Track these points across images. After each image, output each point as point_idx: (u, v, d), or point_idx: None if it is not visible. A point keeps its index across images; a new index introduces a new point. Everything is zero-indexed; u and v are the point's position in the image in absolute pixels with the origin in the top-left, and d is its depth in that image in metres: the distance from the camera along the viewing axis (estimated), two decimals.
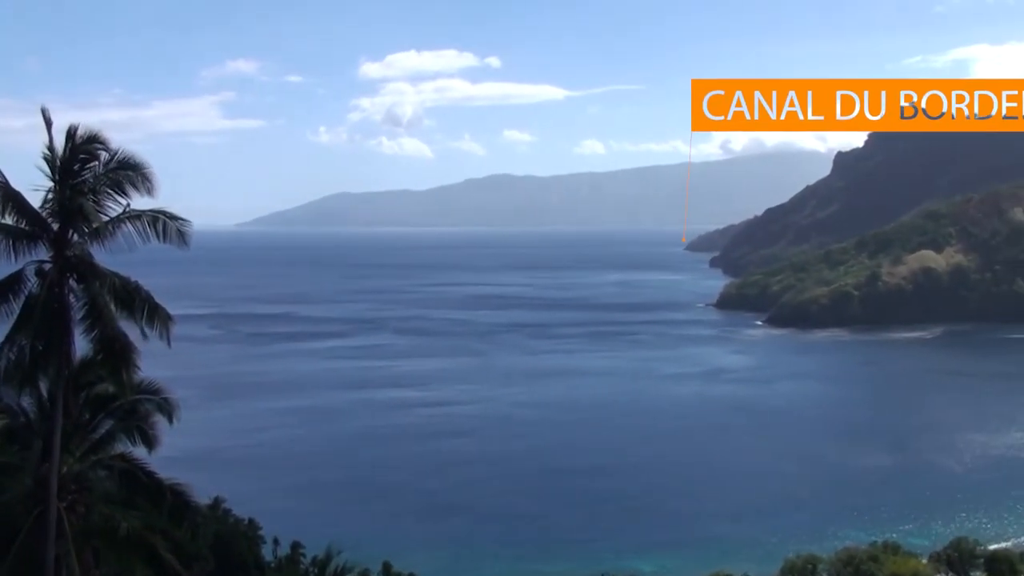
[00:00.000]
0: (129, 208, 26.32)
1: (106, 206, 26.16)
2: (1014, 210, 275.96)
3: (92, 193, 25.93)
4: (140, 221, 26.26)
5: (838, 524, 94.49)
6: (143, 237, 26.29)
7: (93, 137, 25.82)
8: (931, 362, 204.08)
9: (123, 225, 26.18)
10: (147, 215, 26.31)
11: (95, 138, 25.84)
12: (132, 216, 26.26)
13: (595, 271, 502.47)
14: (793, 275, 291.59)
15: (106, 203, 26.17)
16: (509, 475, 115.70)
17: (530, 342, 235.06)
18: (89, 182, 25.99)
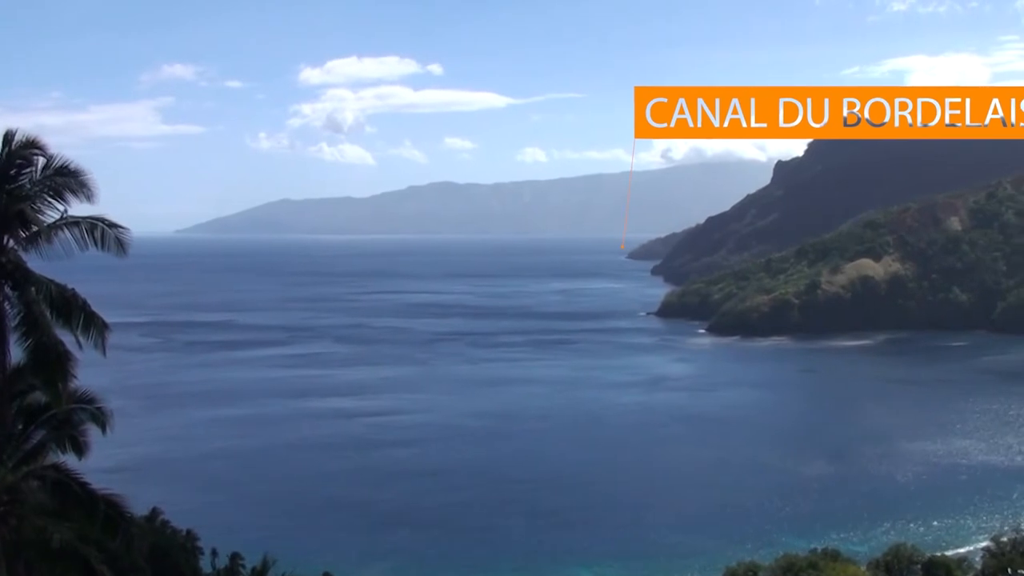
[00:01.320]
0: (67, 215, 25.71)
1: (43, 212, 25.52)
2: (950, 220, 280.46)
3: (29, 199, 25.29)
4: (78, 228, 25.67)
5: (779, 531, 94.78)
6: (81, 244, 25.68)
7: (30, 142, 25.21)
8: (870, 370, 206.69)
9: (60, 232, 25.55)
10: (85, 222, 25.71)
11: (32, 143, 25.22)
12: (69, 223, 25.66)
13: (537, 279, 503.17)
14: (734, 283, 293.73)
15: (44, 209, 25.53)
16: (451, 485, 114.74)
17: (472, 351, 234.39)
18: (26, 188, 25.36)
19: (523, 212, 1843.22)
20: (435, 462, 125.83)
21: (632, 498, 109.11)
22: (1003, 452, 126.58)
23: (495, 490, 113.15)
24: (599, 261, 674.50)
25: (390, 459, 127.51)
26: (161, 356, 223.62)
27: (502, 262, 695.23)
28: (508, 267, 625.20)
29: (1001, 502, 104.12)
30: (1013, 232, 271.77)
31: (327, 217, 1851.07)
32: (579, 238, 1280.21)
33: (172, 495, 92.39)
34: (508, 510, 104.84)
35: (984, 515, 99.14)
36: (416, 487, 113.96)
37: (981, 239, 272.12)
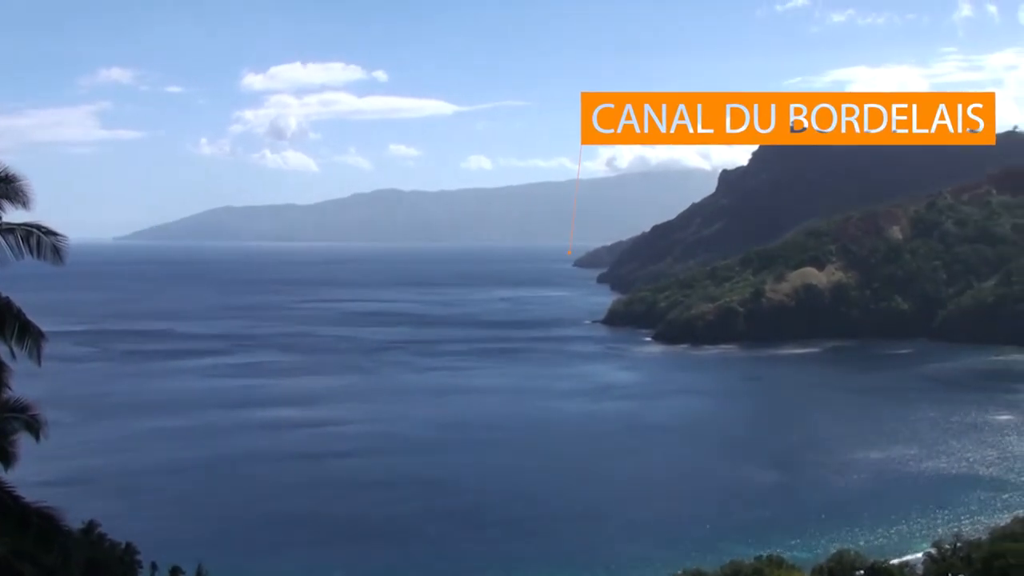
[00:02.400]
0: (1, 222, 24.74)
1: None
2: (892, 228, 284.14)
3: None
4: (12, 235, 24.71)
5: (725, 539, 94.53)
6: (16, 252, 24.72)
7: None
8: (815, 378, 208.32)
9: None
10: (20, 229, 24.76)
11: None
12: (4, 230, 24.68)
13: (483, 287, 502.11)
14: (680, 291, 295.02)
15: None
16: (399, 496, 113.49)
17: (418, 360, 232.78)
18: None
19: (469, 220, 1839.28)
20: (383, 473, 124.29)
21: (581, 507, 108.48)
22: (945, 459, 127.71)
23: (444, 500, 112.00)
24: (545, 269, 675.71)
25: (336, 470, 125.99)
26: (98, 366, 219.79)
27: (447, 270, 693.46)
28: (453, 275, 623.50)
29: (943, 509, 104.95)
30: (953, 241, 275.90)
31: (270, 224, 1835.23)
32: (525, 246, 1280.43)
33: (110, 508, 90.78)
34: (457, 521, 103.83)
35: (926, 522, 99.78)
36: (363, 498, 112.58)
37: (922, 248, 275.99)
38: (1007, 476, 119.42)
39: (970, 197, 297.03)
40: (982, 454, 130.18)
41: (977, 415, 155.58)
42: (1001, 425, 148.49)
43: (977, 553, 64.54)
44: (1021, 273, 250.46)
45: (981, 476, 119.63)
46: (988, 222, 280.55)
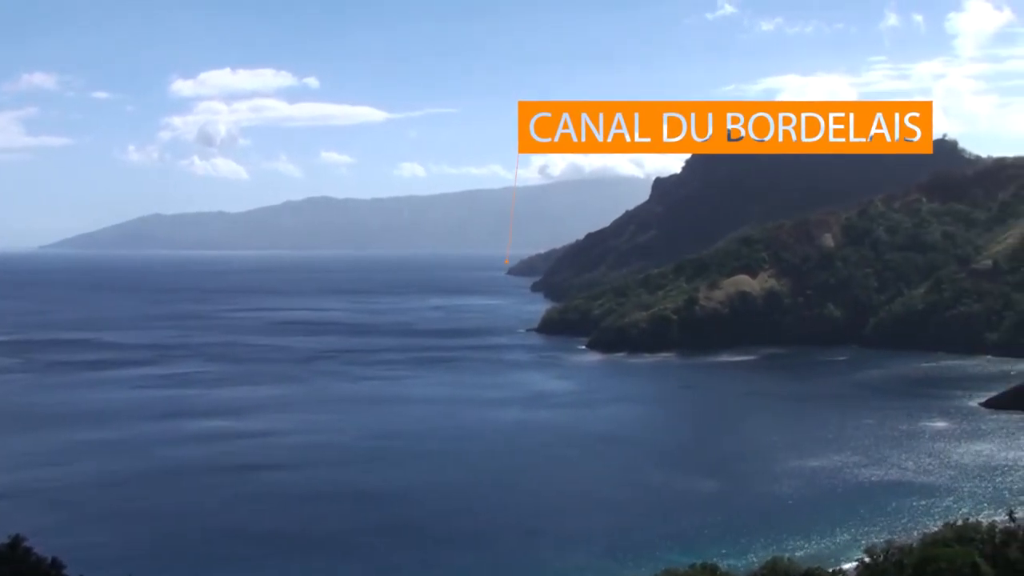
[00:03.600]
0: None
1: None
2: (824, 236, 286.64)
3: None
4: None
5: (661, 547, 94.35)
6: None
7: None
8: (749, 385, 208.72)
9: None
10: None
11: None
12: None
13: (416, 296, 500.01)
14: (614, 299, 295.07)
15: None
16: (334, 508, 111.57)
17: (350, 369, 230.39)
18: None
19: (402, 228, 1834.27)
20: (318, 485, 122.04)
21: (518, 518, 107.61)
22: (879, 466, 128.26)
23: (381, 513, 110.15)
24: (479, 277, 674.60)
25: (271, 482, 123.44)
26: (22, 377, 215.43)
27: (380, 278, 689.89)
28: (387, 283, 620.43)
29: (877, 516, 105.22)
30: (884, 249, 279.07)
31: (200, 232, 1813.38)
32: (458, 254, 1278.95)
33: (37, 522, 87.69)
34: (396, 534, 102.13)
35: (860, 529, 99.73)
36: (300, 512, 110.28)
37: (853, 255, 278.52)
38: (939, 482, 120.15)
39: (901, 205, 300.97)
40: (915, 461, 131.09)
41: (910, 422, 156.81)
42: (933, 432, 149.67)
43: (909, 559, 64.61)
44: (950, 280, 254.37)
45: (914, 483, 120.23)
46: (918, 230, 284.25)
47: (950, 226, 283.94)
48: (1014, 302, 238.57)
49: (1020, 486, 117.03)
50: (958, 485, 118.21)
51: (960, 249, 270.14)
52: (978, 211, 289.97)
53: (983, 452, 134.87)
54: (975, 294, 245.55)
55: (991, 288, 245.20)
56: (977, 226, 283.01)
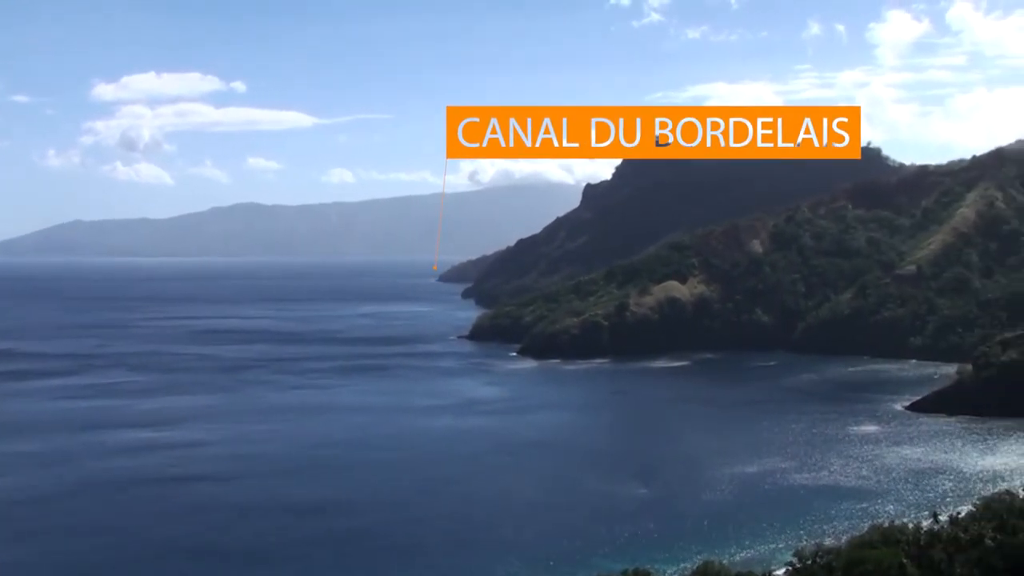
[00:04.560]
0: None
1: None
2: (752, 242, 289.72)
3: None
4: None
5: (594, 554, 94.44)
6: None
7: None
8: (681, 391, 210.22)
9: None
10: None
11: None
12: None
13: (346, 303, 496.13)
14: (544, 306, 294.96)
15: None
16: (267, 518, 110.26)
17: (279, 378, 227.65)
18: None
19: (331, 234, 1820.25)
20: (250, 497, 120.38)
21: (451, 526, 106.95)
22: (807, 470, 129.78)
23: (306, 520, 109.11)
24: (409, 284, 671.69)
25: (201, 495, 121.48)
26: None
27: (309, 286, 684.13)
28: (316, 291, 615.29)
29: (806, 519, 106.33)
30: (811, 255, 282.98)
31: (124, 239, 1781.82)
32: (388, 261, 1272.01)
33: None
34: (319, 540, 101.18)
35: (790, 532, 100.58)
36: (233, 524, 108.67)
37: (781, 261, 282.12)
38: (866, 485, 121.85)
39: (827, 211, 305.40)
40: (843, 465, 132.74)
41: (838, 426, 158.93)
42: (860, 436, 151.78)
43: (837, 562, 65.74)
44: (875, 286, 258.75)
45: (842, 486, 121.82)
46: (844, 236, 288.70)
47: (875, 232, 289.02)
48: (937, 307, 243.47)
49: (944, 488, 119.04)
50: (885, 488, 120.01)
51: (885, 255, 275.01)
52: (902, 217, 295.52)
53: (908, 455, 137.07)
54: (899, 299, 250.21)
55: (915, 293, 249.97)
56: (901, 232, 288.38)
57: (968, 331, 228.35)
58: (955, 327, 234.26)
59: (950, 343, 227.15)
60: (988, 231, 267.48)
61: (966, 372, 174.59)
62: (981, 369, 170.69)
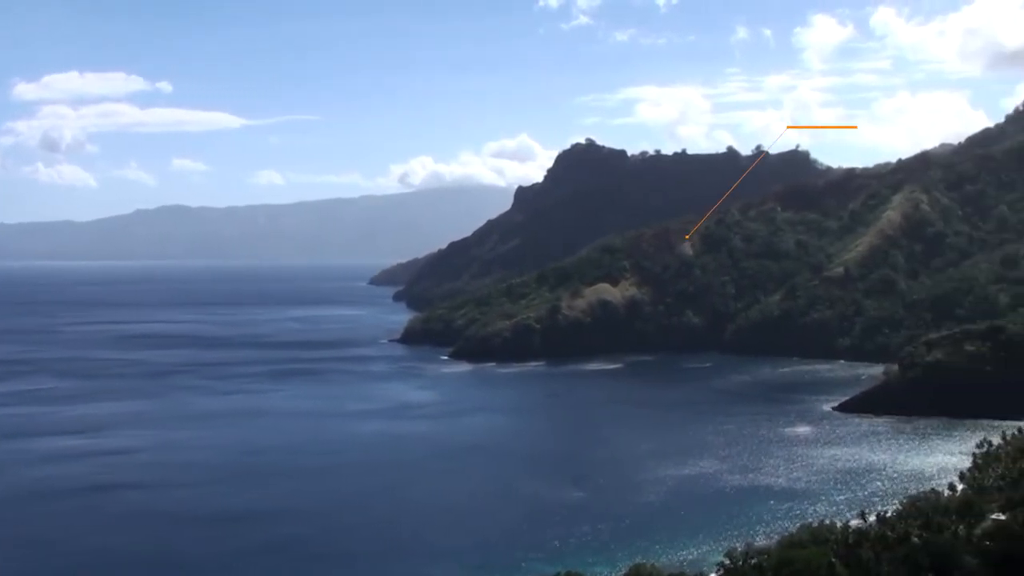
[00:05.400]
0: None
1: None
2: (682, 245, 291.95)
3: None
4: None
5: (528, 558, 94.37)
6: None
7: None
8: (615, 393, 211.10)
9: None
10: None
11: None
12: None
13: (275, 307, 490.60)
14: (476, 309, 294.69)
15: None
16: (190, 526, 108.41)
17: (208, 383, 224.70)
18: None
19: (259, 237, 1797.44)
20: (182, 505, 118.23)
21: (383, 533, 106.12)
22: (739, 472, 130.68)
23: (235, 528, 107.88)
24: (339, 287, 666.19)
25: (133, 504, 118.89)
26: None
27: (237, 289, 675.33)
28: (244, 294, 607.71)
29: (737, 520, 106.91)
30: (740, 257, 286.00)
31: (45, 242, 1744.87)
32: (318, 264, 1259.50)
33: None
34: (249, 549, 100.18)
35: (721, 533, 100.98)
36: (165, 534, 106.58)
37: (712, 263, 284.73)
38: (796, 485, 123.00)
39: (756, 213, 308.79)
40: (773, 465, 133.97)
41: (768, 427, 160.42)
42: (790, 436, 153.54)
43: (768, 562, 65.94)
44: (804, 288, 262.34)
45: (773, 487, 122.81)
46: (773, 238, 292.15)
47: (803, 234, 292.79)
48: (864, 308, 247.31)
49: (872, 488, 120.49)
50: (815, 488, 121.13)
51: (813, 257, 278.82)
52: (830, 220, 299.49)
53: (837, 455, 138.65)
54: (828, 301, 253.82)
55: (843, 295, 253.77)
56: (829, 235, 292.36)
57: (894, 332, 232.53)
58: (882, 328, 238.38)
59: (877, 344, 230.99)
60: (914, 233, 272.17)
61: (893, 373, 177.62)
62: (907, 369, 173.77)
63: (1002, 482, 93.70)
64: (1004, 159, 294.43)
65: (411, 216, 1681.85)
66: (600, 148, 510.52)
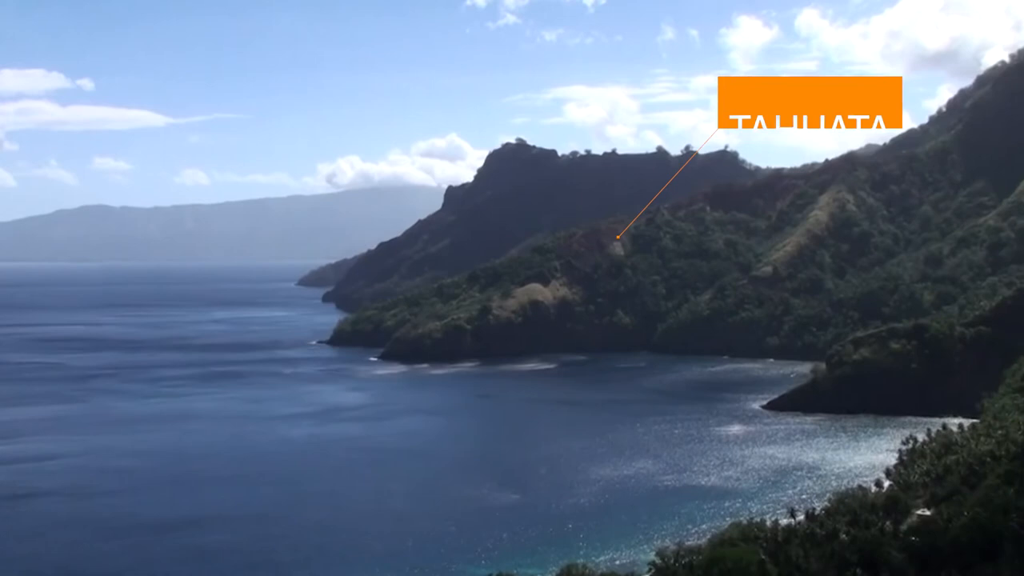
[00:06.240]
0: None
1: None
2: (612, 244, 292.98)
3: None
4: None
5: (459, 560, 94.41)
6: None
7: None
8: (547, 393, 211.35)
9: None
10: None
11: None
12: None
13: (201, 309, 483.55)
14: (407, 309, 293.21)
15: None
16: (114, 535, 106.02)
17: (131, 386, 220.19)
18: None
19: (185, 238, 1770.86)
20: (94, 510, 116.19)
21: (311, 538, 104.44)
22: (670, 471, 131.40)
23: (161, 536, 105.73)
24: (267, 289, 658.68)
25: (52, 513, 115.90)
26: None
27: (162, 291, 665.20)
28: (169, 296, 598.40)
29: (669, 519, 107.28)
30: (671, 257, 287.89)
31: None
32: (245, 265, 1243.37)
33: None
34: (174, 557, 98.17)
35: (653, 532, 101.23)
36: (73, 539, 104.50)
37: (642, 263, 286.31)
38: (725, 484, 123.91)
39: (686, 214, 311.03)
40: (704, 464, 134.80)
41: (699, 426, 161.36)
42: (720, 435, 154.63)
43: (698, 560, 66.23)
44: (733, 287, 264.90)
45: (703, 485, 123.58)
46: (703, 238, 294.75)
47: (732, 234, 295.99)
48: (792, 307, 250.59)
49: (801, 485, 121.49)
50: (745, 487, 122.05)
51: (742, 257, 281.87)
52: (758, 220, 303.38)
53: (766, 454, 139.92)
54: (756, 300, 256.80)
55: (771, 294, 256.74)
56: (757, 234, 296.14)
57: (822, 330, 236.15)
58: (810, 327, 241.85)
59: (805, 342, 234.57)
60: (840, 233, 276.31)
61: (820, 371, 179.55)
62: (834, 368, 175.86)
63: (927, 478, 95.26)
64: (927, 160, 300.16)
65: (340, 216, 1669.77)
66: (530, 148, 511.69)
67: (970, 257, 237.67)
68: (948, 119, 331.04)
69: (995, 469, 79.73)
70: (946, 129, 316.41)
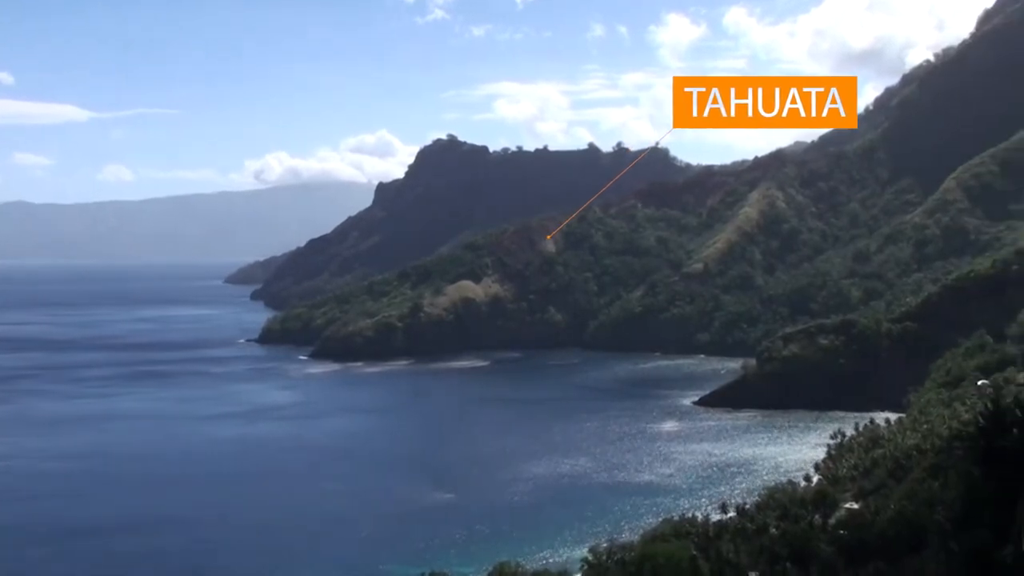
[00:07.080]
0: None
1: None
2: (544, 242, 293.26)
3: None
4: None
5: (391, 560, 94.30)
6: None
7: None
8: (480, 391, 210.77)
9: None
10: None
11: None
12: None
13: (125, 307, 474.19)
14: (337, 307, 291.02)
15: None
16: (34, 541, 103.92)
17: (54, 387, 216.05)
18: None
19: (109, 235, 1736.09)
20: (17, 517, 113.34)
21: (239, 541, 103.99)
22: (603, 468, 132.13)
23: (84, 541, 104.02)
24: (194, 287, 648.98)
25: None
26: None
27: (86, 290, 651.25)
28: (93, 295, 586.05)
29: (601, 516, 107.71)
30: (602, 254, 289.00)
31: None
32: (171, 263, 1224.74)
33: None
34: (98, 562, 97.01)
35: (585, 529, 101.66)
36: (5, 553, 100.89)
37: (574, 260, 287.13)
38: (659, 480, 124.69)
39: (618, 211, 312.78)
40: (636, 461, 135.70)
41: (631, 423, 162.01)
42: (652, 432, 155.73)
43: (630, 557, 66.66)
44: (664, 284, 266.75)
45: (636, 482, 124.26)
46: (634, 235, 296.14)
47: (664, 231, 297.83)
48: (723, 304, 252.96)
49: (733, 481, 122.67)
50: (677, 483, 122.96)
51: (673, 254, 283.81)
52: (689, 217, 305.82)
53: (698, 450, 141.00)
54: (687, 297, 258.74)
55: (702, 291, 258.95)
56: (688, 231, 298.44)
57: (752, 327, 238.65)
58: (740, 323, 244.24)
59: (736, 339, 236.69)
60: (770, 229, 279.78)
61: (750, 367, 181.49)
62: (764, 364, 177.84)
63: (855, 472, 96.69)
64: (855, 157, 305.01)
65: (268, 213, 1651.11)
66: (461, 144, 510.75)
67: (897, 254, 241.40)
68: (875, 117, 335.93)
69: (921, 463, 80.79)
70: (873, 127, 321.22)
